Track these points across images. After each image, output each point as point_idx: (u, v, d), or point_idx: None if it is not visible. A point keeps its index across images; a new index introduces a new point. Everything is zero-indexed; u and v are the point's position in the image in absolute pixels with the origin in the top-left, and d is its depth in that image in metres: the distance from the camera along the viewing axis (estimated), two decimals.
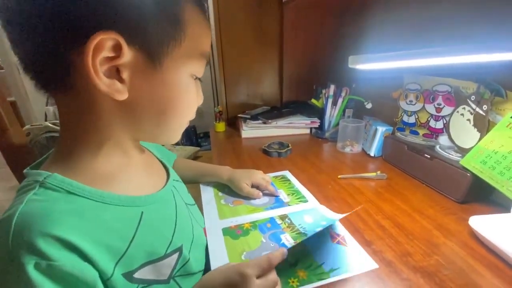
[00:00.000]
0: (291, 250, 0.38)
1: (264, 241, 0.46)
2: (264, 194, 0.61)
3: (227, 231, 0.49)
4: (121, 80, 0.28)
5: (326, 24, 1.14)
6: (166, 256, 0.34)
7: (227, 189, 0.63)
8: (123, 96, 0.28)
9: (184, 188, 0.49)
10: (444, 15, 0.65)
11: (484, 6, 0.55)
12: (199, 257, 0.41)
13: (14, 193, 0.29)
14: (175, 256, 0.36)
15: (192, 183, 0.65)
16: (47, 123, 1.97)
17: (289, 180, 0.69)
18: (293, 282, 0.38)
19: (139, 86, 0.29)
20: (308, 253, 0.43)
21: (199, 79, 0.36)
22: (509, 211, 0.46)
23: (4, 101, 0.48)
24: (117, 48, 0.26)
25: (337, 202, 0.57)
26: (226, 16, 1.09)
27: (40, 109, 2.23)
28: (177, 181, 0.46)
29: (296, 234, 0.47)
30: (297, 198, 0.60)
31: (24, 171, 0.31)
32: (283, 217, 0.53)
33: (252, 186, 0.60)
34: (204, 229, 0.48)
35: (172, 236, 0.36)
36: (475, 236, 0.45)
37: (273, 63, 1.21)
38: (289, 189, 0.64)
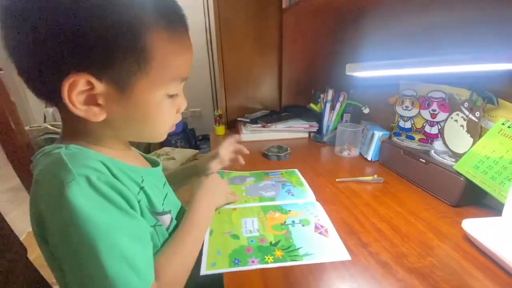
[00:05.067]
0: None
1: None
2: (269, 188, 0.65)
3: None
4: (98, 105, 0.33)
5: (325, 30, 1.16)
6: (164, 213, 0.41)
7: None
8: (100, 117, 0.33)
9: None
10: (438, 24, 0.67)
11: (479, 15, 0.57)
12: None
13: (14, 194, 0.30)
14: (169, 215, 0.43)
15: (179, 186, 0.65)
16: (46, 125, 1.97)
17: (297, 174, 0.74)
18: (268, 258, 0.43)
19: (114, 109, 0.34)
20: (290, 238, 0.47)
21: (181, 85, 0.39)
22: (500, 215, 0.47)
23: (8, 100, 0.49)
24: (90, 83, 0.30)
25: (334, 205, 0.58)
26: (227, 22, 1.11)
27: (39, 111, 2.23)
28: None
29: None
30: (298, 184, 0.68)
31: (32, 158, 0.35)
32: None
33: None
34: None
35: (163, 201, 0.43)
36: (468, 238, 0.46)
37: (273, 67, 1.23)
38: (295, 179, 0.71)
